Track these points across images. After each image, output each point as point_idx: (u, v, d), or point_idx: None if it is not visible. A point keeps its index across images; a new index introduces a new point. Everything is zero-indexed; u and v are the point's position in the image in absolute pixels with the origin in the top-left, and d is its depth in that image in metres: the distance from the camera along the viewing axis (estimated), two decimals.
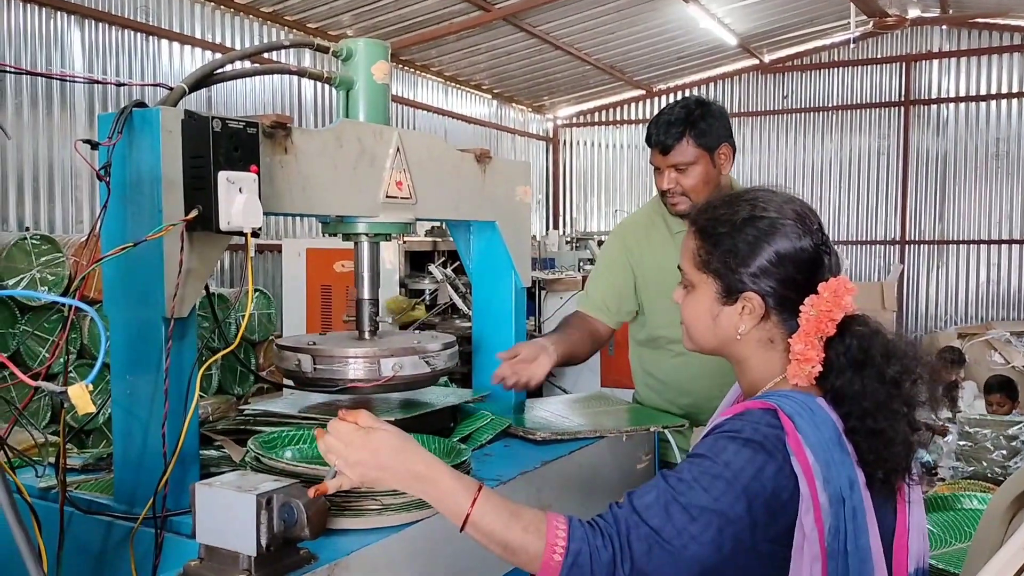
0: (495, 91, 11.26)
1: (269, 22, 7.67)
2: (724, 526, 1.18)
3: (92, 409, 0.91)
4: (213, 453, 1.77)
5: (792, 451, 1.20)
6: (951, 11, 9.94)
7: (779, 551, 1.23)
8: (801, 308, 1.29)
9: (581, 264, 7.73)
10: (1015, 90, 10.10)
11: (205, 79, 1.62)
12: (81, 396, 0.88)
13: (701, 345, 1.43)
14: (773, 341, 1.34)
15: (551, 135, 12.77)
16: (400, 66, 9.38)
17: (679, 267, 1.44)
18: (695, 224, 1.41)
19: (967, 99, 10.33)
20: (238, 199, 1.42)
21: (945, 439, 3.81)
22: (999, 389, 5.76)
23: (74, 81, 5.94)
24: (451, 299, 5.38)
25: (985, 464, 3.33)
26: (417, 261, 5.80)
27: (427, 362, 1.86)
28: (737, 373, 1.43)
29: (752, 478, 1.19)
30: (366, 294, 1.97)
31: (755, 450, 1.21)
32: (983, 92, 10.26)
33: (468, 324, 2.37)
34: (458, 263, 5.22)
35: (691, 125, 2.25)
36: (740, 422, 1.25)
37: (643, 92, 12.02)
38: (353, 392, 1.84)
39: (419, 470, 1.26)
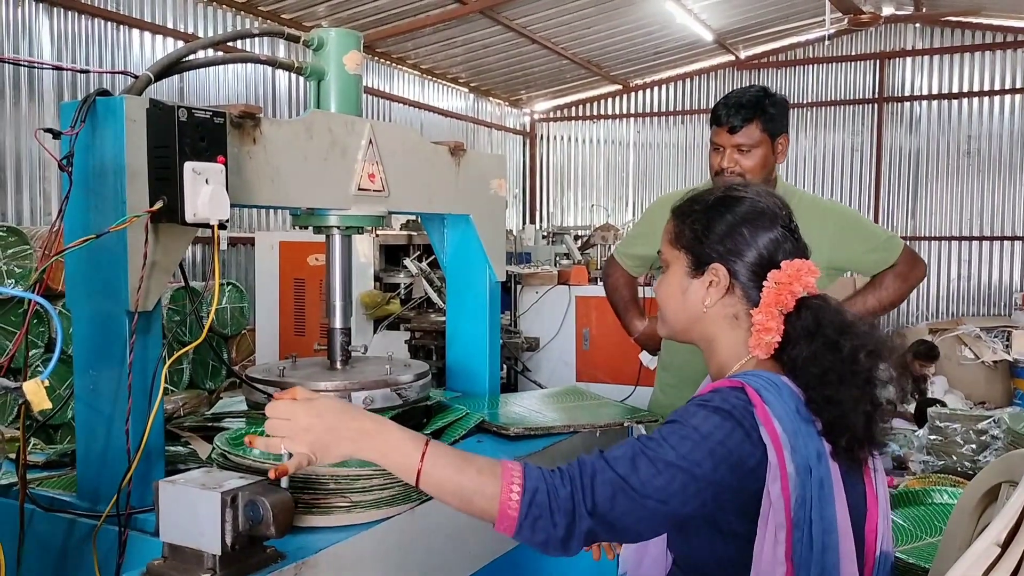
0: (472, 84, 11.22)
1: (242, 12, 7.58)
2: (689, 482, 1.20)
3: (48, 405, 0.88)
4: (180, 449, 1.74)
5: (760, 421, 1.24)
6: (924, 9, 10.02)
7: (745, 528, 1.25)
8: (764, 283, 1.35)
9: (557, 259, 7.72)
10: (987, 88, 10.21)
11: (171, 67, 1.59)
12: (36, 392, 0.86)
13: (672, 324, 1.48)
14: (738, 318, 1.39)
15: (528, 129, 12.75)
16: (376, 58, 9.31)
17: (658, 253, 1.50)
18: (675, 209, 1.48)
19: (940, 97, 10.43)
20: (204, 190, 1.39)
21: (916, 433, 3.84)
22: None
23: (31, 66, 5.81)
24: (426, 293, 5.35)
25: (955, 458, 3.36)
26: (392, 255, 5.76)
27: (399, 394, 1.85)
28: (706, 356, 1.46)
29: (720, 442, 1.22)
30: (338, 323, 1.96)
31: (724, 417, 1.24)
32: (956, 90, 10.36)
33: (443, 318, 2.35)
34: (433, 257, 5.20)
35: (761, 110, 2.33)
36: (710, 395, 1.30)
37: (620, 87, 12.02)
38: None
39: (366, 426, 1.25)
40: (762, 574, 1.24)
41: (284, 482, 1.27)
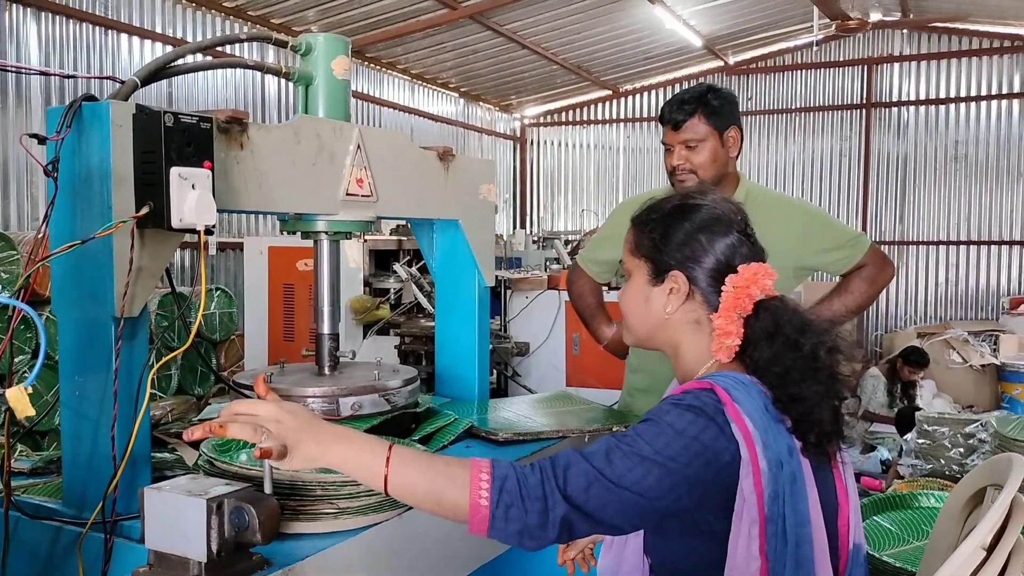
0: (462, 90, 11.22)
1: (232, 17, 7.56)
2: (664, 476, 1.21)
3: (31, 412, 0.88)
4: (167, 456, 1.73)
5: (731, 418, 1.26)
6: (911, 15, 10.09)
7: (723, 527, 1.26)
8: (722, 288, 1.37)
9: (548, 263, 7.72)
10: (974, 94, 10.29)
11: (158, 72, 1.59)
12: (19, 399, 0.85)
13: (636, 332, 1.50)
14: (700, 323, 1.41)
15: (518, 134, 12.76)
16: (366, 63, 9.31)
17: (620, 262, 1.52)
18: (634, 218, 1.50)
19: (927, 102, 10.50)
20: (191, 196, 1.39)
21: (905, 438, 3.86)
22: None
23: (17, 72, 5.79)
24: (416, 298, 5.34)
25: (943, 462, 3.37)
26: (382, 260, 5.75)
27: (387, 399, 1.84)
28: (673, 362, 1.48)
29: (694, 437, 1.23)
30: (326, 328, 1.95)
31: (697, 414, 1.26)
32: (943, 95, 10.43)
33: (433, 323, 2.35)
34: (423, 262, 5.19)
35: (703, 103, 2.32)
36: (682, 395, 1.31)
37: (609, 92, 12.06)
38: None
39: (332, 431, 1.25)
40: (737, 569, 1.25)
41: (268, 487, 1.27)
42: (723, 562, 1.26)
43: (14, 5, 5.87)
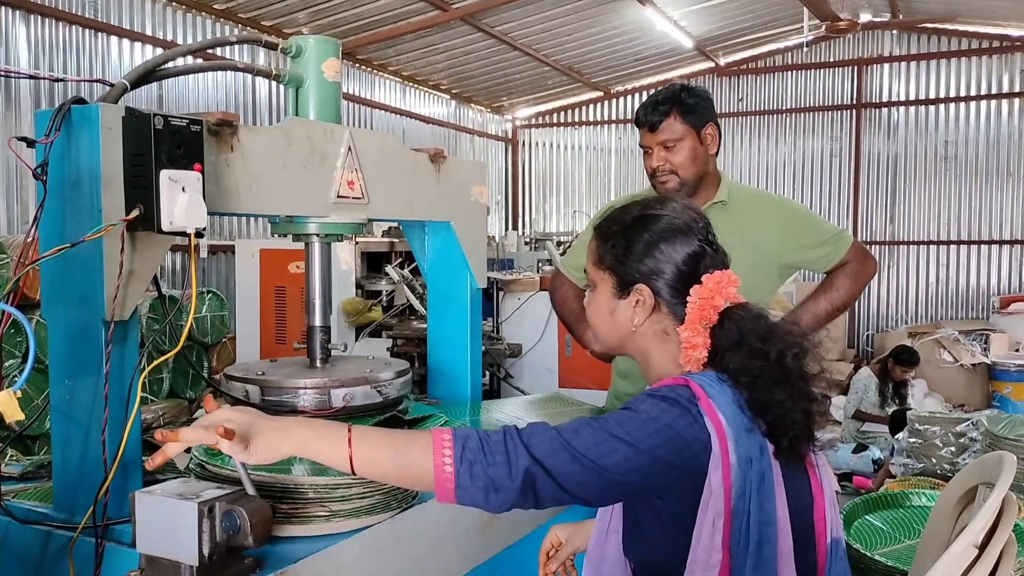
0: (453, 91, 11.22)
1: (222, 19, 7.55)
2: (631, 456, 1.23)
3: (20, 416, 0.87)
4: None
5: (704, 411, 1.27)
6: (901, 16, 10.13)
7: (685, 515, 1.27)
8: (688, 299, 1.37)
9: (540, 265, 7.72)
10: (963, 94, 10.34)
11: (148, 75, 1.58)
12: (8, 403, 0.85)
13: (605, 342, 1.51)
14: (668, 333, 1.42)
15: (510, 136, 12.77)
16: (357, 65, 9.30)
17: (585, 271, 1.52)
18: (596, 228, 1.50)
19: (917, 103, 10.55)
20: (181, 198, 1.38)
21: (896, 437, 3.87)
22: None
23: (6, 76, 5.76)
24: (408, 300, 5.33)
25: (934, 461, 3.39)
26: (374, 262, 5.74)
27: (379, 391, 1.83)
28: (643, 368, 1.49)
29: (666, 424, 1.25)
30: (317, 321, 1.94)
31: (671, 403, 1.27)
32: (932, 96, 10.48)
33: (425, 325, 2.35)
34: (415, 264, 5.19)
35: (677, 103, 2.32)
36: (658, 388, 1.33)
37: (601, 94, 12.07)
38: None
39: (289, 419, 1.28)
40: (698, 560, 1.25)
41: (249, 488, 1.26)
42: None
43: (3, 7, 5.84)
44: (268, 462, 1.24)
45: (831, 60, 10.92)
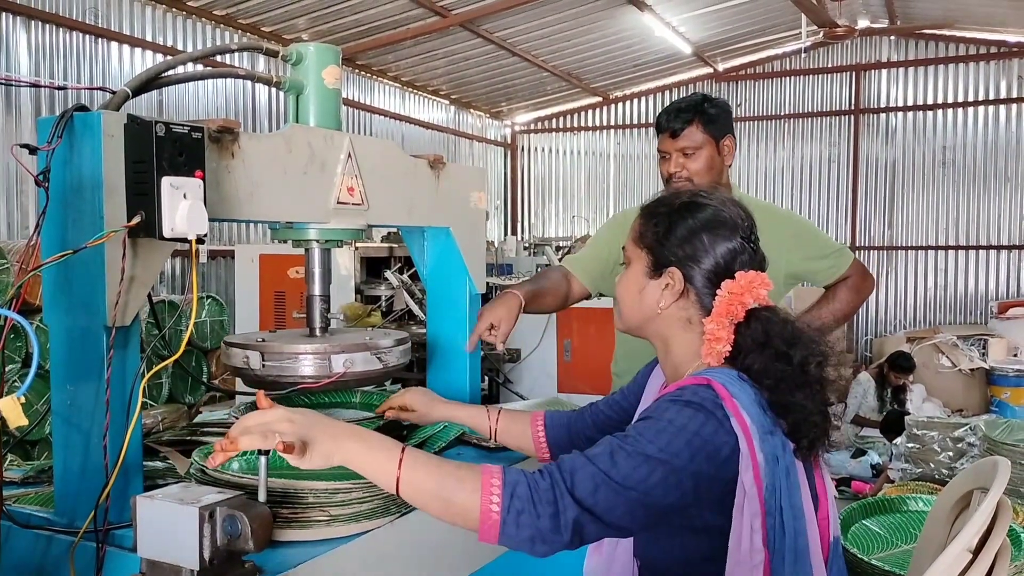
0: (453, 97, 11.24)
1: (222, 25, 7.57)
2: (669, 474, 1.22)
3: (24, 422, 0.88)
4: (158, 464, 1.73)
5: (730, 412, 1.27)
6: (899, 22, 10.16)
7: (720, 522, 1.27)
8: (717, 292, 1.38)
9: (538, 270, 7.73)
10: (961, 100, 10.36)
11: (149, 83, 1.59)
12: (12, 409, 0.85)
13: (628, 321, 1.51)
14: (691, 322, 1.42)
15: (509, 141, 12.79)
16: (357, 71, 9.32)
17: (623, 248, 1.52)
18: (643, 208, 1.51)
19: (915, 108, 10.58)
20: (182, 205, 1.39)
21: (895, 442, 3.88)
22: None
23: (8, 84, 5.78)
24: (407, 305, 5.34)
25: (932, 466, 3.39)
26: (373, 267, 5.74)
27: (379, 358, 1.84)
28: (660, 355, 1.50)
29: (695, 432, 1.25)
30: (317, 290, 1.95)
31: (696, 409, 1.27)
32: (930, 101, 10.51)
33: (424, 330, 2.36)
34: (414, 269, 5.19)
35: (700, 112, 2.36)
36: (679, 391, 1.32)
37: (600, 99, 12.10)
38: (304, 390, 1.81)
39: (346, 428, 1.27)
40: (741, 563, 1.26)
41: (262, 495, 1.27)
42: (715, 555, 1.27)
43: (4, 13, 5.86)
44: (320, 468, 1.25)
45: (829, 66, 10.95)
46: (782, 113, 11.20)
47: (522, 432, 1.76)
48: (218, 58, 6.89)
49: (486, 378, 5.40)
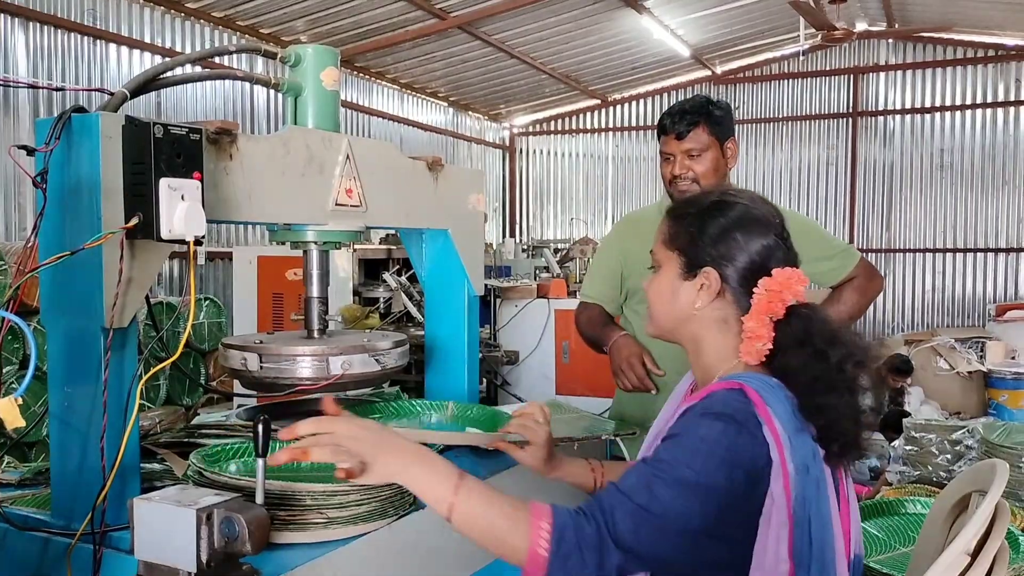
0: (451, 99, 11.25)
1: (220, 27, 7.56)
2: (707, 497, 1.21)
3: (21, 423, 0.88)
4: (156, 467, 1.73)
5: (763, 420, 1.25)
6: (897, 25, 10.18)
7: (743, 531, 1.25)
8: (754, 290, 1.36)
9: (537, 272, 7.73)
10: (958, 103, 10.38)
11: (147, 84, 1.59)
12: (9, 410, 0.85)
13: (661, 324, 1.49)
14: (727, 322, 1.40)
15: (507, 143, 12.79)
16: (355, 72, 9.32)
17: (651, 252, 1.50)
18: (670, 210, 1.50)
19: (913, 111, 10.59)
20: (180, 207, 1.39)
21: (893, 444, 3.88)
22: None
23: (5, 85, 5.77)
24: (405, 307, 5.34)
25: (931, 468, 3.39)
26: (371, 269, 5.75)
27: (377, 360, 1.84)
28: (692, 357, 1.47)
29: (728, 448, 1.23)
30: (315, 292, 1.95)
31: (727, 422, 1.25)
32: (928, 104, 10.53)
33: (422, 332, 2.35)
34: (413, 271, 5.19)
35: (706, 114, 2.37)
36: (709, 400, 1.30)
37: (598, 101, 12.11)
38: (302, 392, 1.81)
39: (409, 447, 1.26)
40: (764, 573, 1.24)
41: (260, 497, 1.27)
42: (732, 562, 1.25)
43: (2, 14, 5.85)
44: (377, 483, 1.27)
45: (827, 69, 10.97)
46: (780, 116, 11.21)
47: None
48: (216, 60, 6.89)
49: (484, 380, 5.40)
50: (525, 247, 9.11)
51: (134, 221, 1.38)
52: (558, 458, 1.65)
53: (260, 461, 1.28)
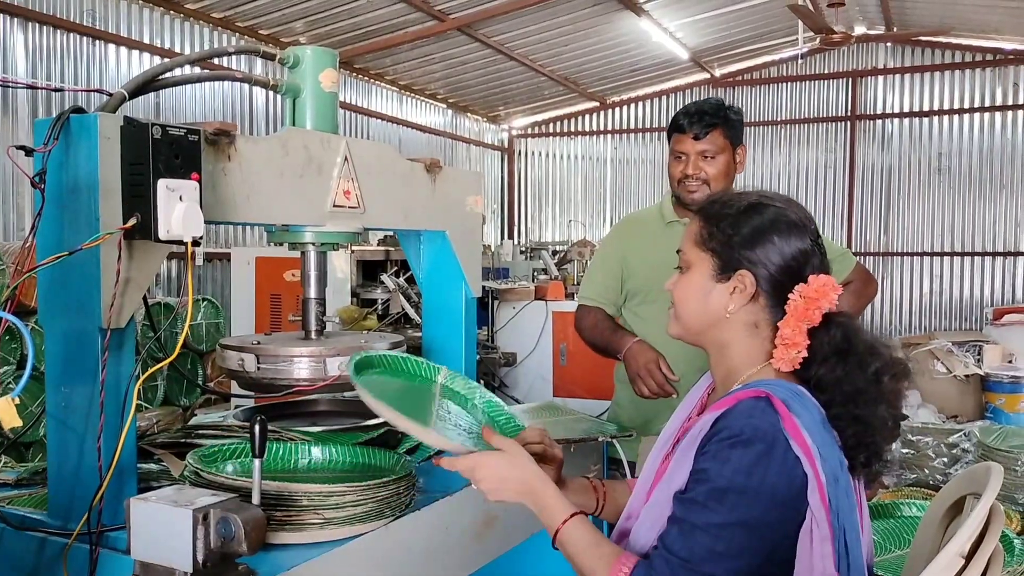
0: (450, 100, 11.25)
1: (219, 28, 7.57)
2: (749, 534, 1.21)
3: (18, 423, 0.88)
4: (153, 467, 1.73)
5: (790, 435, 1.22)
6: (895, 29, 10.19)
7: (782, 550, 1.24)
8: (790, 296, 1.34)
9: (535, 274, 7.73)
10: (956, 106, 10.40)
11: (146, 85, 1.59)
12: (6, 410, 0.85)
13: (688, 325, 1.45)
14: (758, 326, 1.37)
15: (506, 145, 12.80)
16: (354, 74, 9.32)
17: (678, 252, 1.47)
18: (702, 210, 1.46)
19: (911, 114, 10.61)
20: (178, 207, 1.39)
21: (891, 448, 3.89)
22: None
23: (4, 86, 5.77)
24: (403, 309, 5.34)
25: (927, 472, 3.40)
26: (369, 270, 5.75)
27: None
28: (714, 360, 1.44)
29: (762, 480, 1.21)
30: (312, 293, 1.95)
31: (758, 450, 1.22)
32: (926, 108, 10.55)
33: (420, 334, 2.34)
34: (410, 272, 5.19)
35: (724, 118, 2.41)
36: (735, 421, 1.26)
37: (597, 104, 12.11)
38: (299, 393, 1.81)
39: (536, 486, 1.38)
40: None
41: (256, 498, 1.27)
42: (755, 570, 1.24)
43: (1, 15, 5.85)
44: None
45: (826, 72, 10.99)
46: (778, 119, 11.23)
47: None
48: (215, 61, 6.89)
49: (481, 382, 5.40)
50: (523, 249, 9.10)
51: (132, 222, 1.38)
52: (562, 479, 1.64)
53: (257, 462, 1.28)
